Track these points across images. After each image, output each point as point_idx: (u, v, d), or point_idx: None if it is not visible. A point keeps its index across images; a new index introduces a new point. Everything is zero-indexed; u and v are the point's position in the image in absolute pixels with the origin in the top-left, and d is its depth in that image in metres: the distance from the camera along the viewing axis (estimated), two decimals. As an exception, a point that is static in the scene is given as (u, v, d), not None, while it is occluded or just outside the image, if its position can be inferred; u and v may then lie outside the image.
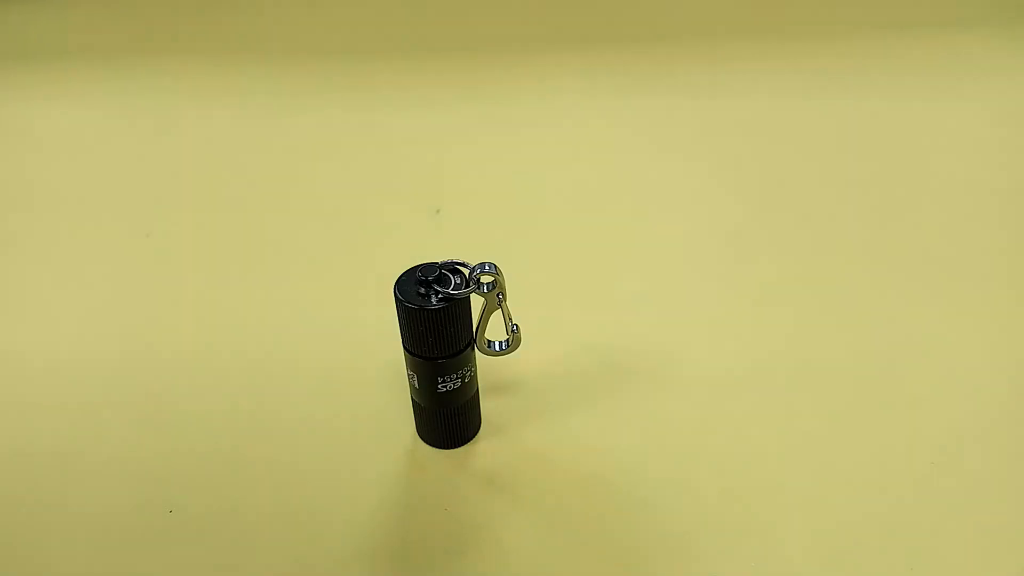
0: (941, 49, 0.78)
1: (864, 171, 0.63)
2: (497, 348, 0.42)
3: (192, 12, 0.91)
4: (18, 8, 0.92)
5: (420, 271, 0.38)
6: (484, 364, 0.43)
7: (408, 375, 0.41)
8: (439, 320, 0.37)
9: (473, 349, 0.41)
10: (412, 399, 0.42)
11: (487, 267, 0.38)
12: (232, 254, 0.58)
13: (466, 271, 0.39)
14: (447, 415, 0.42)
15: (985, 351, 0.47)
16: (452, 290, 0.38)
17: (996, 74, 0.74)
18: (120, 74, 0.81)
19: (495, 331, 0.41)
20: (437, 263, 0.38)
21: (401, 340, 0.40)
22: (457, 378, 0.40)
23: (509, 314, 0.40)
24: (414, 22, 0.88)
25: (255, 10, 0.91)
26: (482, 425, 0.44)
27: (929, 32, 0.81)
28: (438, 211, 0.60)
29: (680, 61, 0.79)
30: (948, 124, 0.68)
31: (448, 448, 0.43)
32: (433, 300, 0.37)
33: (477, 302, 0.39)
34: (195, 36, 0.87)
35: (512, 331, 0.41)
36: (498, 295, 0.39)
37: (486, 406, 0.44)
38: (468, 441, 0.43)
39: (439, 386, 0.40)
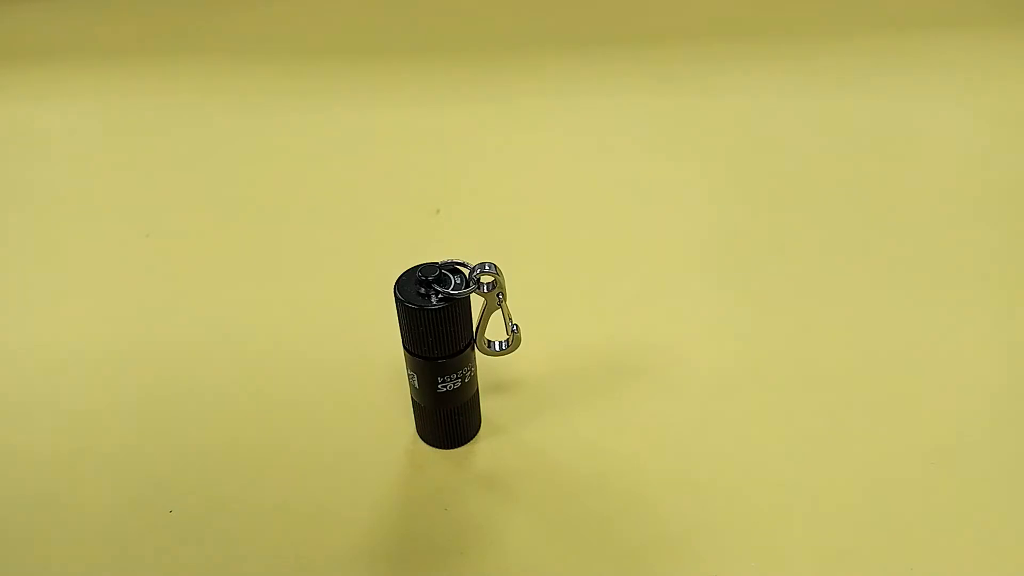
0: (940, 49, 0.78)
1: (864, 171, 0.63)
2: (497, 348, 0.42)
3: (192, 12, 0.91)
4: (18, 8, 0.92)
5: (420, 271, 0.38)
6: (484, 364, 0.43)
7: (408, 375, 0.41)
8: (439, 320, 0.37)
9: (473, 349, 0.41)
10: (412, 399, 0.42)
11: (487, 267, 0.38)
12: (231, 254, 0.58)
13: (466, 271, 0.39)
14: (447, 415, 0.42)
15: (985, 351, 0.47)
16: (452, 290, 0.38)
17: (995, 74, 0.74)
18: (120, 74, 0.81)
19: (495, 331, 0.41)
20: (437, 263, 0.38)
21: (401, 340, 0.40)
22: (457, 378, 0.40)
23: (509, 314, 0.40)
24: (414, 22, 0.88)
25: (255, 10, 0.91)
26: (482, 425, 0.44)
27: (928, 32, 0.81)
28: (438, 211, 0.60)
29: (680, 61, 0.79)
30: (947, 124, 0.68)
31: (448, 448, 0.43)
32: (433, 300, 0.37)
33: (477, 302, 0.39)
34: (195, 36, 0.87)
35: (512, 331, 0.41)
36: (498, 295, 0.39)
37: (486, 406, 0.44)
38: (468, 441, 0.43)
39: (439, 386, 0.40)
